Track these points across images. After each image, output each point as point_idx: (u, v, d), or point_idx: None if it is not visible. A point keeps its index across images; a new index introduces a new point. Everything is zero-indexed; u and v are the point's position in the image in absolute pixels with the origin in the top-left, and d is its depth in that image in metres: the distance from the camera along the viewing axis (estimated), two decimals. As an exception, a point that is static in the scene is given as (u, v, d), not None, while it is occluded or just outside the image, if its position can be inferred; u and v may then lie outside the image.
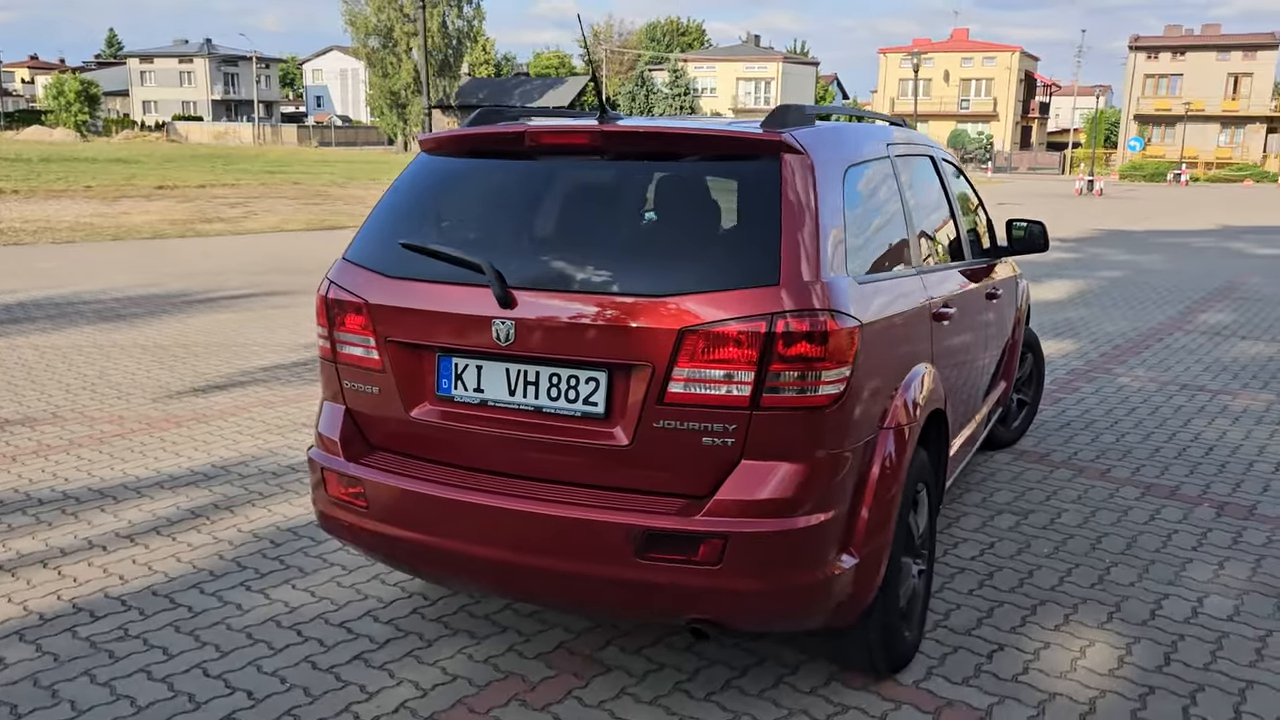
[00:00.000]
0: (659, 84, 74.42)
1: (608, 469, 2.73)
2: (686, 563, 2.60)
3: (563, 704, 3.10)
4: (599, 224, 2.98)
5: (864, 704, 3.10)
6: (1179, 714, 3.07)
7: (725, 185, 2.85)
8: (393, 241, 3.06)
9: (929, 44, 75.95)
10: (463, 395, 2.89)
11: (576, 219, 3.02)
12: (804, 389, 2.58)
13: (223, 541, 4.31)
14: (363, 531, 3.03)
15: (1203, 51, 68.63)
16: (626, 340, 2.64)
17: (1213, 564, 4.20)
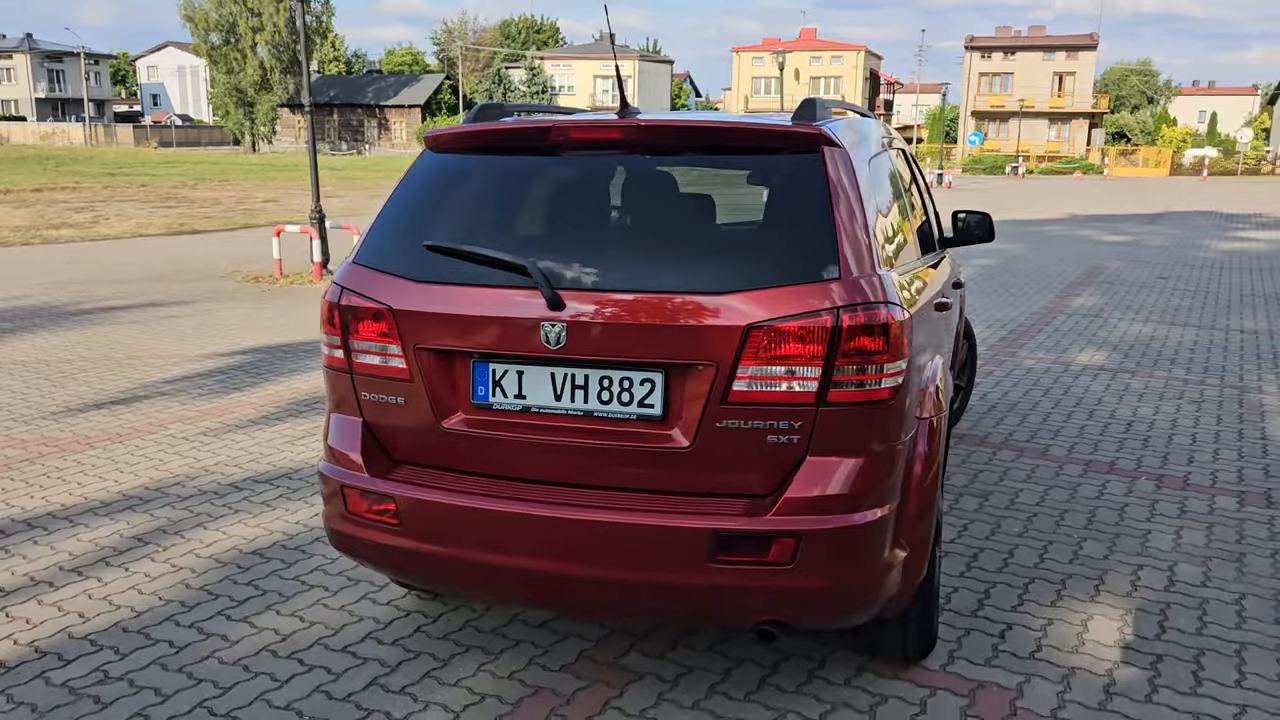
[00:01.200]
0: (516, 82, 73.78)
1: (666, 472, 2.66)
2: (758, 564, 2.55)
3: (604, 715, 3.01)
4: (641, 221, 2.90)
5: (901, 692, 3.13)
6: (1190, 678, 3.22)
7: (767, 179, 2.81)
8: (412, 244, 2.90)
9: (778, 43, 77.75)
10: (502, 403, 2.77)
11: (616, 216, 2.92)
12: (867, 383, 2.57)
13: (183, 569, 4.01)
14: (393, 550, 2.86)
15: (1031, 51, 72.58)
16: (686, 340, 2.57)
17: (1170, 533, 4.42)
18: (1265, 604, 3.74)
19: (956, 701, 3.08)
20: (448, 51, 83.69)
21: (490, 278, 2.74)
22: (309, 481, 5.05)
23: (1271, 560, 4.13)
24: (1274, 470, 5.31)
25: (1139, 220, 24.16)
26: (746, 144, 2.85)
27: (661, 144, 2.88)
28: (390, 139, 74.08)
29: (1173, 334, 9.31)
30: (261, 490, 4.92)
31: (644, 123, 2.83)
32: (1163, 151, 64.97)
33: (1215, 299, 11.52)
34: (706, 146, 2.89)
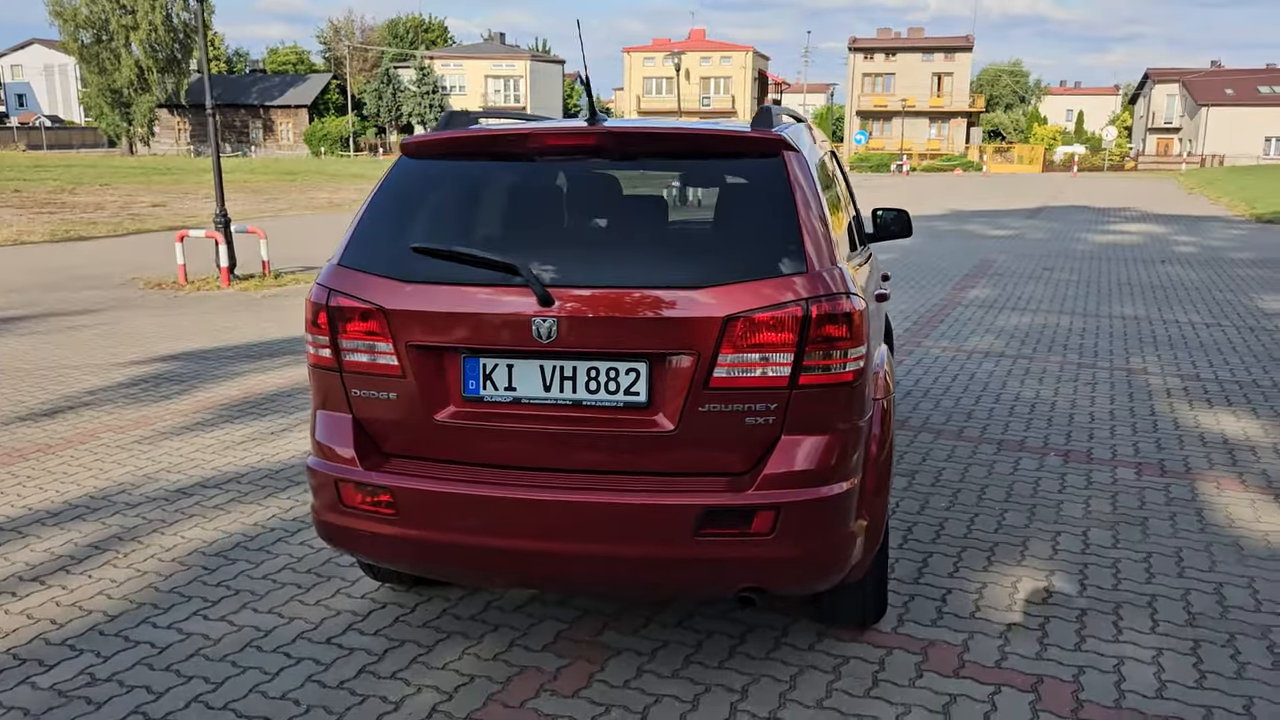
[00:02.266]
0: (406, 82, 72.74)
1: (651, 454, 2.86)
2: (742, 535, 2.78)
3: (591, 688, 3.20)
4: (618, 222, 3.09)
5: (860, 653, 3.40)
6: (1111, 627, 3.57)
7: (733, 181, 3.04)
8: (397, 246, 3.04)
9: (669, 43, 78.61)
10: (493, 395, 2.93)
11: (594, 218, 3.11)
12: (833, 367, 2.82)
13: (149, 573, 4.04)
14: (389, 540, 2.99)
15: (911, 53, 75.09)
16: (670, 331, 2.78)
17: (1080, 503, 4.83)
18: (1168, 560, 4.15)
19: (911, 659, 3.37)
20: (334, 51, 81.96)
21: (479, 277, 2.90)
22: (259, 485, 5.08)
23: (1170, 522, 4.56)
24: (1164, 443, 5.80)
25: (1020, 215, 25.35)
26: (714, 149, 3.07)
27: (634, 150, 3.09)
28: (276, 140, 72.25)
29: (1061, 321, 9.92)
30: (211, 495, 4.94)
31: (618, 130, 3.03)
32: (1035, 149, 68.00)
33: (1096, 288, 12.28)
34: (676, 152, 3.11)
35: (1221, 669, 3.29)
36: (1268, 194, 30.31)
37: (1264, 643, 3.47)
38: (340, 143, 70.00)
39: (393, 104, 71.51)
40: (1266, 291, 11.92)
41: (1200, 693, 3.16)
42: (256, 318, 10.15)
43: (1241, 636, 3.51)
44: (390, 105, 71.52)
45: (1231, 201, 29.63)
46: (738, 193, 3.02)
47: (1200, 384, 7.27)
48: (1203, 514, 4.66)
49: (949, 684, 3.22)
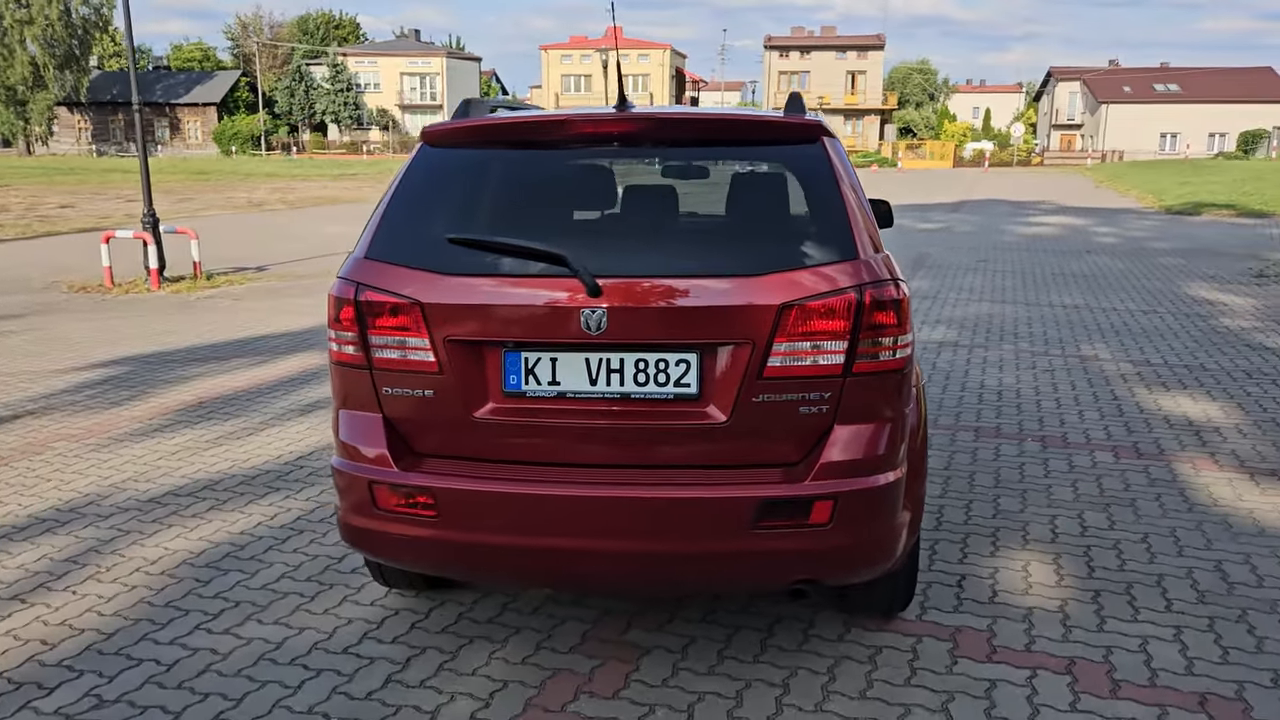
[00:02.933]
0: (319, 79, 71.16)
1: (702, 447, 2.80)
2: (799, 527, 2.74)
3: (629, 689, 3.12)
4: (658, 210, 3.02)
5: (892, 643, 3.39)
6: (1127, 608, 3.63)
7: (777, 168, 3.00)
8: (430, 237, 2.93)
9: (586, 41, 78.53)
10: (536, 390, 2.84)
11: (639, 206, 3.03)
12: (883, 354, 2.80)
13: (138, 587, 3.83)
14: (430, 542, 2.88)
15: (825, 51, 76.32)
16: (723, 320, 2.73)
17: (1068, 486, 4.91)
18: (1166, 540, 4.24)
19: (942, 646, 3.37)
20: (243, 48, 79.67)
21: (523, 268, 2.80)
22: (236, 492, 4.88)
23: (1158, 503, 4.67)
24: (1133, 426, 5.95)
25: (943, 209, 25.91)
26: (754, 135, 3.03)
27: (673, 136, 3.02)
28: (184, 139, 70.06)
29: (1006, 311, 10.14)
30: (187, 503, 4.72)
31: (659, 115, 2.96)
32: (946, 145, 69.67)
33: (1032, 278, 12.59)
34: (714, 139, 3.05)
35: (1242, 644, 3.37)
36: (1171, 187, 31.53)
37: (1274, 617, 3.56)
38: (252, 141, 68.20)
39: (305, 102, 69.90)
40: (1190, 279, 12.35)
41: (1227, 668, 3.22)
42: (195, 320, 9.78)
43: (1253, 612, 3.59)
44: (303, 103, 69.89)
45: (1140, 194, 30.75)
46: (780, 179, 2.98)
47: (1151, 368, 7.48)
48: (1186, 494, 4.78)
49: (985, 669, 3.22)
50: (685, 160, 3.11)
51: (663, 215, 3.02)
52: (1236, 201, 24.37)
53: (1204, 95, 71.24)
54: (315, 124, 71.55)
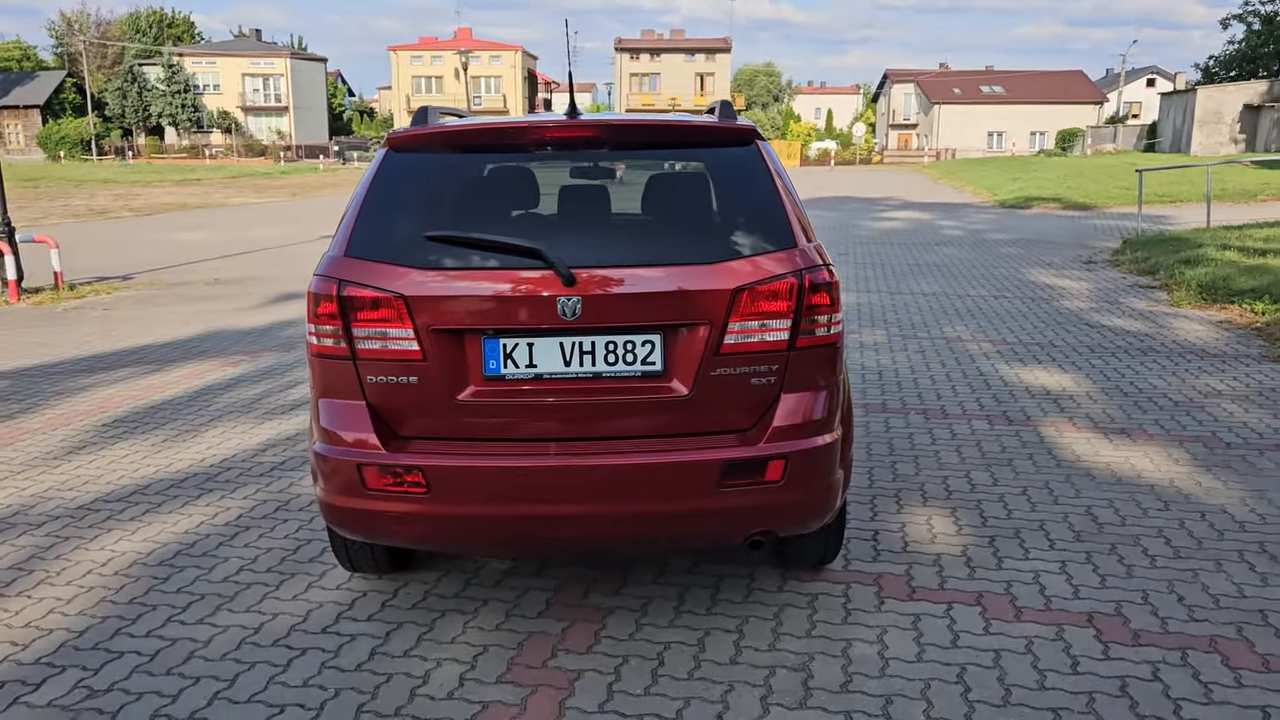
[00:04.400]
0: (153, 80, 67.94)
1: (667, 417, 3.13)
2: (756, 484, 3.10)
3: (600, 645, 3.43)
4: (617, 207, 3.32)
5: (825, 590, 3.80)
6: (1019, 549, 4.15)
7: (718, 167, 3.35)
8: (407, 235, 3.15)
9: (435, 42, 77.65)
10: (514, 373, 3.10)
11: (594, 204, 3.33)
12: (820, 330, 3.19)
13: (96, 588, 3.89)
14: (421, 518, 3.10)
15: (674, 53, 77.81)
16: (684, 303, 3.06)
17: (953, 451, 5.47)
18: (1042, 492, 4.81)
19: (869, 590, 3.80)
20: (68, 46, 75.20)
21: (499, 261, 3.07)
22: (169, 495, 4.92)
23: (1031, 461, 5.26)
24: (1000, 397, 6.60)
25: (797, 206, 26.94)
26: (699, 139, 3.37)
27: (627, 140, 3.34)
28: (4, 143, 65.71)
29: (872, 299, 10.85)
30: (120, 508, 4.74)
31: (614, 122, 3.28)
32: (792, 145, 72.04)
33: (891, 269, 13.43)
34: (662, 142, 3.38)
35: (1114, 572, 3.92)
36: (1003, 182, 33.68)
37: (1138, 548, 4.14)
38: (81, 145, 64.58)
39: (139, 104, 66.66)
40: (1030, 267, 13.42)
41: (1105, 591, 3.76)
42: (69, 332, 9.48)
43: (1120, 545, 4.17)
44: (137, 105, 66.62)
45: (975, 190, 32.75)
46: (725, 176, 3.32)
47: (1008, 346, 8.23)
48: (1053, 453, 5.40)
49: (909, 606, 3.67)
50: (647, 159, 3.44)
51: (621, 210, 3.34)
52: (1062, 195, 26.30)
53: (1025, 96, 76.06)
54: (151, 127, 68.34)
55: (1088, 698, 3.06)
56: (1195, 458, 5.27)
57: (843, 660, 3.31)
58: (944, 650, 3.35)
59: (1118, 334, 8.67)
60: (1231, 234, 14.28)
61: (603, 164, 3.50)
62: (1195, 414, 6.09)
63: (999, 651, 3.33)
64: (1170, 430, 5.77)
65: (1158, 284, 11.42)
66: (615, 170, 3.89)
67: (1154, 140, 58.35)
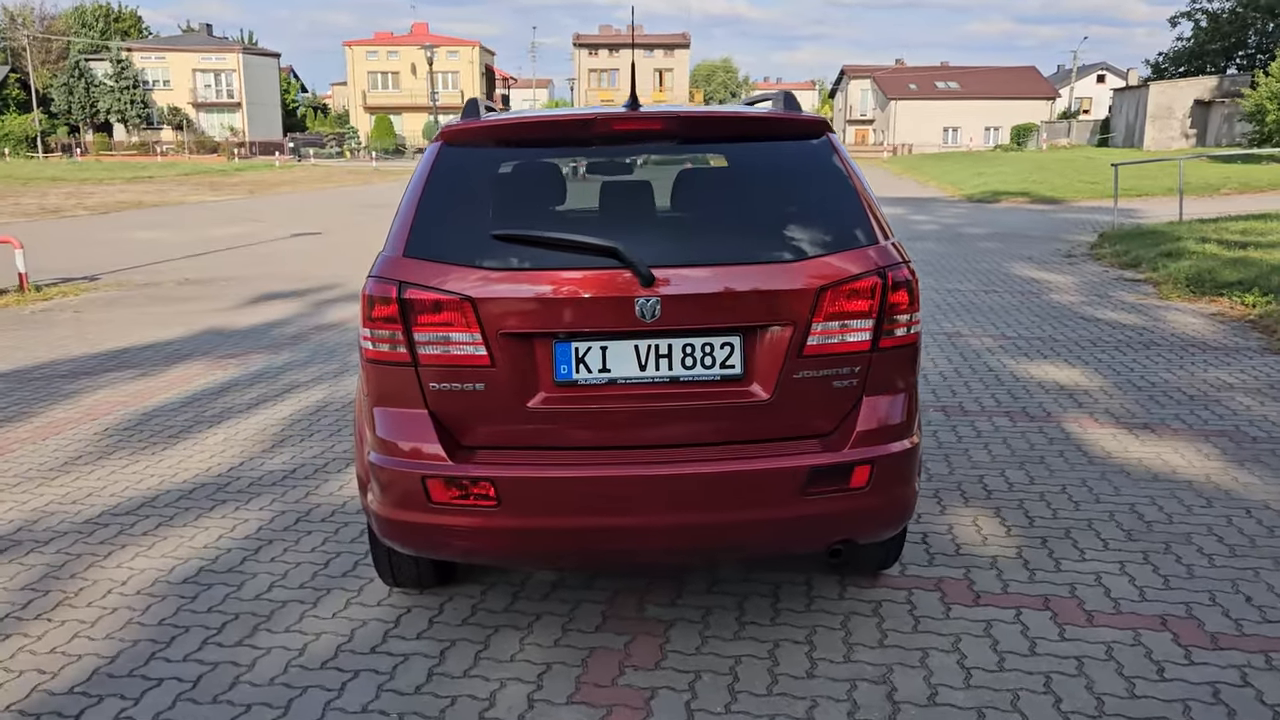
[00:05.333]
0: (100, 76, 66.37)
1: (746, 423, 2.99)
2: (842, 490, 2.97)
3: (668, 659, 3.28)
4: (691, 202, 3.17)
5: (888, 596, 3.69)
6: (1072, 549, 4.07)
7: (791, 161, 3.21)
8: (470, 234, 2.99)
9: (391, 37, 76.73)
10: (587, 378, 2.95)
11: (676, 198, 3.17)
12: (901, 330, 3.07)
13: (120, 609, 3.67)
14: (490, 531, 2.94)
15: (632, 48, 77.57)
16: (767, 303, 2.93)
17: (982, 449, 5.39)
18: (1081, 490, 4.74)
19: (932, 595, 3.70)
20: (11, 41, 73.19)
21: (571, 261, 2.91)
22: (180, 507, 4.69)
23: (1063, 459, 5.20)
24: (1014, 393, 6.54)
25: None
26: (770, 131, 3.23)
27: (696, 133, 3.19)
28: (-55, 141, 63.81)
29: (863, 295, 10.77)
30: (131, 522, 4.51)
31: (683, 114, 3.13)
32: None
33: (874, 265, 13.37)
34: (731, 135, 3.24)
35: (1175, 572, 3.86)
36: (967, 177, 33.95)
37: (1192, 547, 4.08)
38: (26, 143, 62.92)
39: (87, 100, 65.10)
40: (1011, 261, 13.47)
41: (1171, 592, 3.69)
42: (42, 336, 9.12)
43: (1174, 544, 4.10)
44: (84, 101, 65.05)
45: (940, 184, 32.97)
46: (799, 171, 3.18)
47: (1010, 341, 8.20)
48: (1083, 449, 5.34)
49: (977, 612, 3.57)
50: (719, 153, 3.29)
51: (697, 205, 3.18)
52: (1029, 189, 26.55)
53: (980, 92, 76.90)
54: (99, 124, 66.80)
55: (1182, 705, 2.98)
56: (1225, 453, 5.24)
57: (923, 671, 3.20)
58: (1024, 658, 3.25)
59: (1115, 327, 8.68)
60: (1207, 227, 14.46)
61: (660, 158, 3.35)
62: (1213, 408, 6.08)
63: (1080, 659, 3.24)
64: (1193, 425, 5.74)
65: (1142, 277, 11.50)
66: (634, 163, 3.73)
67: (1107, 135, 59.26)
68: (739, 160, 3.26)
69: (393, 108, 74.45)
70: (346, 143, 71.03)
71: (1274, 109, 35.95)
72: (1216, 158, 30.16)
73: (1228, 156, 30.57)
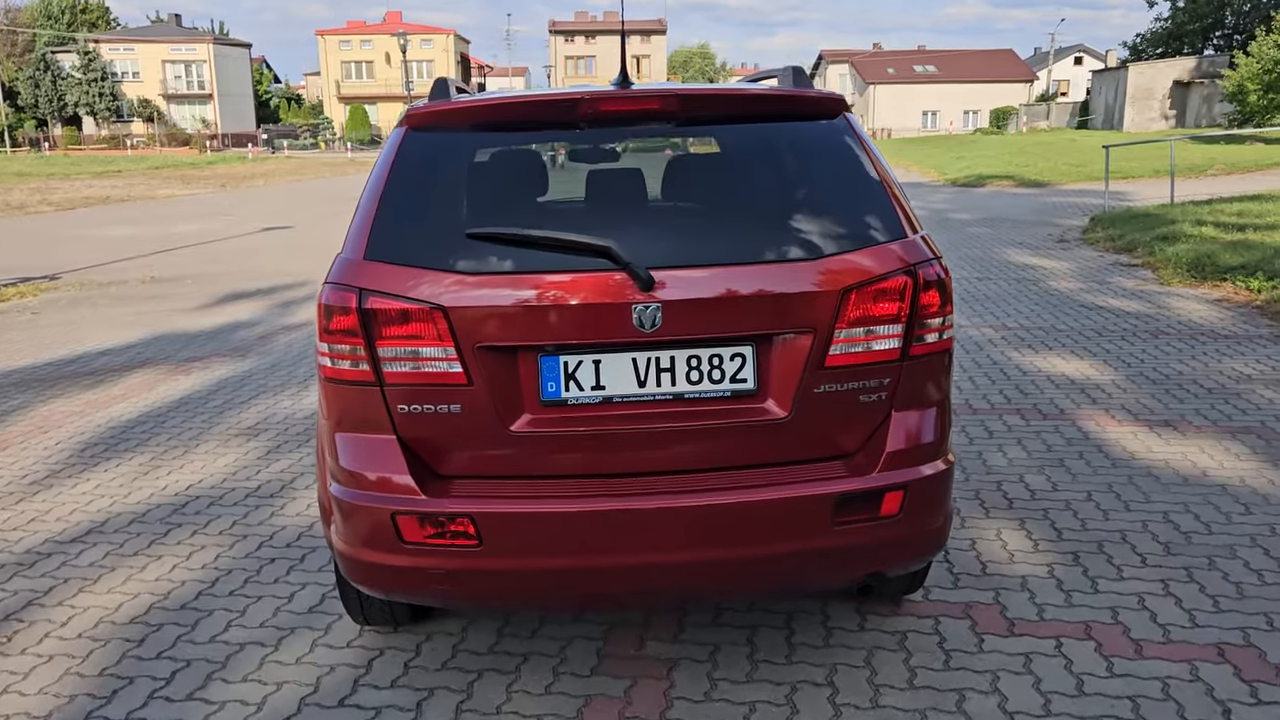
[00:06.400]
0: (68, 68, 65.13)
1: (761, 445, 2.62)
2: (873, 519, 2.61)
3: (674, 708, 2.92)
4: (693, 192, 2.80)
5: (914, 626, 3.34)
6: (1108, 566, 3.73)
7: (805, 144, 2.83)
8: (439, 232, 2.60)
9: (364, 26, 75.73)
10: (578, 397, 2.57)
11: (672, 188, 2.79)
12: (930, 336, 2.70)
13: (57, 657, 3.27)
14: (472, 574, 2.56)
15: (609, 35, 76.82)
16: (784, 307, 2.55)
17: (996, 451, 5.05)
18: (1108, 496, 4.41)
19: (961, 624, 3.35)
20: (-25, 34, 71.84)
21: (557, 262, 2.52)
22: (131, 533, 4.28)
23: (1084, 461, 4.86)
24: (1023, 388, 6.21)
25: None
26: (778, 110, 2.85)
27: (697, 113, 2.80)
28: (-92, 137, 62.50)
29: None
30: (77, 550, 4.11)
31: (682, 92, 2.74)
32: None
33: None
34: (735, 115, 2.85)
35: (1224, 592, 3.52)
36: (948, 161, 33.69)
37: (1238, 561, 3.74)
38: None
39: (54, 93, 63.84)
40: (1004, 247, 13.16)
41: (1223, 615, 3.35)
42: (-4, 339, 8.65)
43: (1218, 559, 3.77)
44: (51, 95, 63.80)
45: (923, 169, 32.67)
46: (811, 156, 2.81)
47: (1011, 332, 7.87)
48: (1104, 450, 5.01)
49: (1013, 643, 3.22)
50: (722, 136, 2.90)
51: (697, 196, 2.80)
52: (1013, 173, 26.28)
53: (958, 75, 76.67)
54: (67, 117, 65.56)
55: (1257, 755, 2.64)
56: (1255, 451, 4.92)
57: (960, 717, 2.84)
58: (1072, 700, 2.91)
59: (1118, 315, 8.37)
60: (1201, 209, 14.19)
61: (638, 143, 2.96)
62: (1233, 402, 5.76)
63: (1135, 699, 2.90)
64: (1216, 421, 5.42)
65: (1139, 262, 11.20)
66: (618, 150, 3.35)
67: (1086, 117, 59.18)
68: (744, 144, 2.86)
69: (367, 97, 73.47)
70: (321, 134, 70.10)
71: (1255, 89, 35.83)
72: (1200, 138, 30.00)
73: (1212, 137, 30.42)
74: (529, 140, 2.89)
